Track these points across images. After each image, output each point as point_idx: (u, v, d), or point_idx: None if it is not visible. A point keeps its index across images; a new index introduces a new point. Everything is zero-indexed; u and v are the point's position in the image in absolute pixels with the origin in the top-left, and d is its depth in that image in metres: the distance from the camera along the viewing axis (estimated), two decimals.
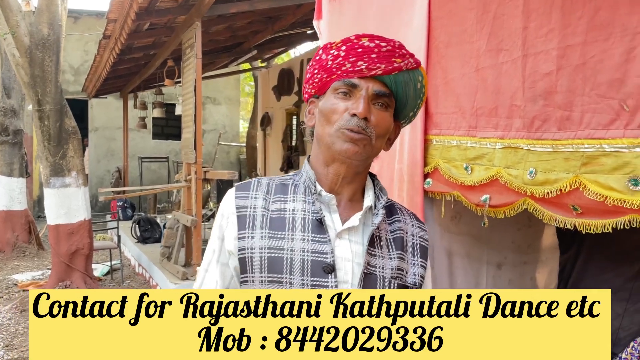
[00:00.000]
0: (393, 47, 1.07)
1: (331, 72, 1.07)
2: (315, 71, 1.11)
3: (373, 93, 1.05)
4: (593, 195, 1.31)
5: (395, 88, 1.07)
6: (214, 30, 6.54)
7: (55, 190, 5.55)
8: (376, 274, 1.04)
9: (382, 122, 1.06)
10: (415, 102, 1.13)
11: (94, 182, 11.73)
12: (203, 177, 5.40)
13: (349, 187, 1.11)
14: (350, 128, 1.02)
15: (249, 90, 16.80)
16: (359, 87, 1.05)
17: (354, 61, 1.05)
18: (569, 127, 1.41)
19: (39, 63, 5.31)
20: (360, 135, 1.02)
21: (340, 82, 1.06)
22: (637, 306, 2.13)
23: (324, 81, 1.10)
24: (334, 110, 1.05)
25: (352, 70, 1.05)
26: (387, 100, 1.07)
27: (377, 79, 1.05)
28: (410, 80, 1.08)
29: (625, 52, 1.27)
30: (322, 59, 1.10)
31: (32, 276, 6.72)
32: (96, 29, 9.92)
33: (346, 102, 1.05)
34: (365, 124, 1.03)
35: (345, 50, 1.06)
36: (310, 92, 1.15)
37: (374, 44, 1.06)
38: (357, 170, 1.09)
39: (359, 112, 1.02)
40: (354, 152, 1.03)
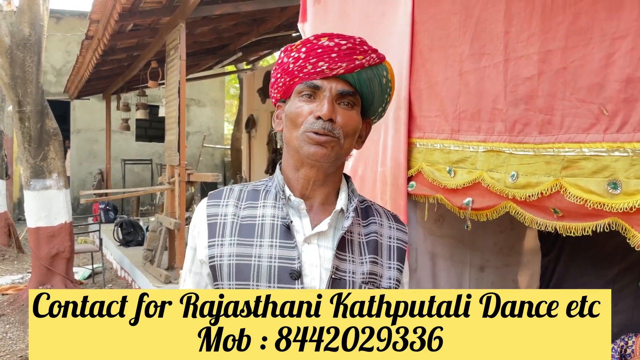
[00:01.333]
0: (354, 44, 1.05)
1: (293, 75, 1.05)
2: (278, 75, 1.10)
3: (337, 93, 1.03)
4: (573, 199, 1.32)
5: (360, 86, 1.05)
6: (199, 32, 6.50)
7: (35, 193, 5.46)
8: (345, 279, 1.03)
9: (349, 121, 1.04)
10: (382, 97, 1.11)
11: (75, 184, 11.57)
12: (187, 179, 5.36)
13: (321, 190, 1.09)
14: (315, 131, 1.00)
15: (234, 92, 16.73)
16: (321, 89, 1.03)
17: (314, 62, 1.03)
18: (550, 130, 1.42)
19: (19, 63, 5.23)
20: (326, 138, 1.00)
21: (303, 85, 1.04)
22: (617, 308, 2.16)
23: (287, 85, 1.08)
24: (298, 113, 1.03)
25: (313, 72, 1.03)
26: (352, 99, 1.05)
27: (340, 78, 1.03)
28: (375, 76, 1.06)
29: (605, 57, 1.28)
30: (284, 62, 1.08)
31: (11, 280, 6.60)
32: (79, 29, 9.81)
33: (310, 105, 1.03)
34: (331, 125, 1.01)
35: (305, 52, 1.04)
36: (276, 96, 1.14)
37: (333, 43, 1.04)
38: (327, 172, 1.07)
39: (323, 114, 1.00)
40: (321, 155, 1.01)
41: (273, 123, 1.16)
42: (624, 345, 1.93)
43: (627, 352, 1.92)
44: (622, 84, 1.24)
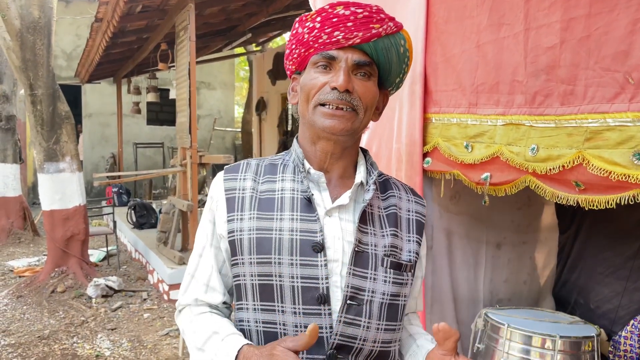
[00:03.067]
0: (370, 12, 1.01)
1: (308, 46, 1.03)
2: (293, 46, 1.07)
3: (353, 63, 1.00)
4: (597, 171, 1.29)
5: (377, 55, 1.02)
6: (208, 13, 6.44)
7: (49, 176, 5.50)
8: (368, 252, 1.02)
9: (366, 92, 1.01)
10: (400, 67, 1.08)
11: (88, 168, 11.64)
12: (198, 161, 5.35)
13: (339, 164, 1.07)
14: (329, 102, 0.98)
15: (243, 75, 16.65)
16: (337, 59, 1.00)
17: (330, 32, 1.00)
18: (572, 101, 1.38)
19: (30, 46, 5.23)
20: (342, 111, 0.98)
21: (319, 56, 1.02)
22: (636, 284, 2.13)
23: (302, 56, 1.05)
24: (313, 85, 1.01)
25: (329, 42, 1.00)
26: (369, 69, 1.02)
27: (357, 47, 1.01)
28: (392, 46, 1.03)
29: (631, 23, 1.24)
30: (299, 33, 1.05)
31: (27, 262, 6.69)
32: (88, 12, 9.77)
33: (326, 76, 1.01)
34: (349, 96, 0.99)
35: (320, 22, 1.01)
36: (291, 68, 1.11)
37: (349, 12, 1.00)
38: (345, 146, 1.05)
39: (339, 84, 0.97)
40: (339, 129, 0.99)
41: (289, 96, 1.13)
42: None
43: None
44: None
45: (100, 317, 4.73)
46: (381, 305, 1.01)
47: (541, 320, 1.97)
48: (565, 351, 1.78)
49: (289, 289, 0.98)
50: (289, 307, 0.98)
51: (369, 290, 1.00)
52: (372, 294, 1.01)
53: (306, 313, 0.98)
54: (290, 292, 0.98)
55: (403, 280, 1.05)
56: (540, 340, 1.81)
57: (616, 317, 2.17)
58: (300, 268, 0.98)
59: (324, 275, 0.98)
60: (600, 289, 2.24)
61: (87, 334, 4.34)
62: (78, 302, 5.06)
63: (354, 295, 0.99)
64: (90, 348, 4.06)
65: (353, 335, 0.99)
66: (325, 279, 0.98)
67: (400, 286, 1.04)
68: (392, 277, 1.03)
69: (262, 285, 1.00)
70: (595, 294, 2.26)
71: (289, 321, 0.98)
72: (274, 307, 0.99)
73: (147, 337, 4.28)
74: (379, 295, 1.01)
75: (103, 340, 4.22)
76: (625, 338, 1.95)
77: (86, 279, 5.52)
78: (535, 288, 2.40)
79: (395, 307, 1.04)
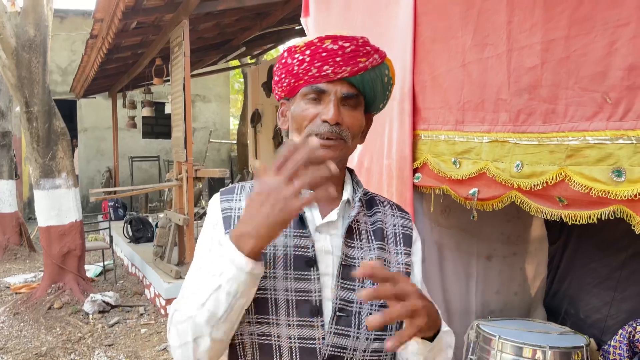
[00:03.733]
0: (357, 45, 1.06)
1: (298, 78, 1.08)
2: (282, 75, 1.12)
3: (341, 96, 1.06)
4: (578, 187, 1.33)
5: (363, 87, 1.08)
6: (202, 28, 6.51)
7: (45, 192, 5.52)
8: (355, 265, 1.06)
9: (354, 122, 1.07)
10: (384, 94, 1.14)
11: (84, 182, 11.66)
12: (194, 175, 5.39)
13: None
14: (321, 134, 1.04)
15: (238, 87, 16.73)
16: (327, 92, 1.05)
17: (319, 66, 1.05)
18: (554, 120, 1.43)
19: (25, 64, 5.27)
20: (332, 142, 1.04)
21: (309, 88, 1.07)
22: (624, 294, 2.17)
23: (292, 86, 1.10)
24: (304, 116, 1.06)
25: (318, 76, 1.05)
26: (356, 101, 1.08)
27: (345, 80, 1.06)
28: (377, 77, 1.09)
29: (607, 45, 1.29)
30: (288, 63, 1.10)
31: (24, 279, 6.68)
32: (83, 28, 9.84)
33: (316, 107, 1.06)
34: (339, 128, 1.04)
35: (310, 55, 1.06)
36: (280, 94, 1.17)
37: (337, 46, 1.05)
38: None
39: (330, 118, 1.03)
40: (330, 158, 1.04)
41: (278, 121, 1.18)
42: (632, 330, 1.94)
43: (636, 337, 1.93)
44: (624, 71, 1.24)
45: (98, 333, 4.74)
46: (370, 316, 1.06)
47: (532, 331, 2.01)
48: None
49: (284, 302, 1.02)
50: (283, 320, 1.02)
51: (357, 302, 1.05)
52: (360, 306, 1.05)
53: (300, 325, 1.02)
54: (285, 305, 1.02)
55: None
56: (530, 351, 1.85)
57: (605, 326, 2.21)
58: (294, 282, 1.03)
59: (317, 289, 1.02)
60: (590, 299, 2.28)
61: (84, 351, 4.34)
62: (75, 319, 5.06)
63: (343, 307, 1.03)
64: None
65: (343, 345, 1.03)
66: (318, 292, 1.02)
67: None
68: None
69: (257, 298, 1.04)
70: (584, 304, 2.30)
71: (284, 333, 1.02)
72: (268, 320, 1.03)
73: (144, 353, 4.28)
74: (367, 306, 1.05)
75: (100, 356, 4.23)
76: (614, 347, 1.99)
77: (83, 294, 5.53)
78: (526, 299, 2.44)
79: None
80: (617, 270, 2.18)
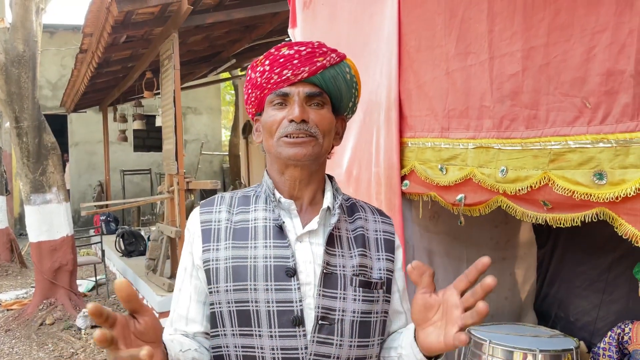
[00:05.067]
0: (312, 48, 1.11)
1: (262, 88, 1.12)
2: (249, 91, 1.16)
3: (305, 95, 1.09)
4: (561, 191, 1.36)
5: (326, 85, 1.11)
6: (192, 41, 6.53)
7: (36, 207, 5.49)
8: (336, 273, 1.07)
9: (322, 119, 1.10)
10: (350, 92, 1.16)
11: (75, 197, 11.59)
12: (186, 187, 5.38)
13: (308, 190, 1.14)
14: (289, 134, 1.07)
15: (229, 99, 16.75)
16: (290, 95, 1.09)
17: (279, 72, 1.09)
18: (536, 125, 1.46)
19: (15, 80, 5.26)
20: (302, 139, 1.07)
21: (273, 95, 1.10)
22: (612, 297, 2.19)
23: (259, 98, 1.14)
24: (272, 122, 1.09)
25: (280, 81, 1.09)
26: (320, 99, 1.10)
27: (306, 81, 1.09)
28: (338, 74, 1.12)
29: (586, 51, 1.32)
30: (252, 78, 1.14)
31: (15, 295, 6.62)
32: (73, 43, 9.85)
33: (282, 111, 1.09)
34: (306, 125, 1.07)
35: (269, 64, 1.10)
36: (252, 111, 1.21)
37: (293, 51, 1.10)
38: (311, 170, 1.12)
39: (295, 116, 1.06)
40: (302, 155, 1.07)
41: (253, 136, 1.20)
42: (620, 332, 1.96)
43: (624, 339, 1.95)
44: (603, 77, 1.27)
45: (90, 348, 4.70)
46: (352, 323, 1.06)
47: (522, 335, 2.02)
48: None
49: (265, 314, 1.03)
50: (265, 331, 1.03)
51: (339, 310, 1.05)
52: (342, 313, 1.05)
53: (282, 335, 1.02)
54: (267, 317, 1.03)
55: (374, 298, 1.10)
56: (521, 355, 1.86)
57: (595, 329, 2.22)
58: (275, 293, 1.03)
59: (297, 298, 1.03)
60: (579, 302, 2.30)
61: None
62: (67, 334, 5.02)
63: (325, 315, 1.04)
64: None
65: (327, 353, 1.03)
66: (299, 302, 1.03)
67: (371, 304, 1.09)
68: (361, 296, 1.08)
69: (239, 311, 1.05)
70: (574, 307, 2.32)
71: (266, 344, 1.03)
72: (251, 332, 1.04)
73: None
74: (349, 313, 1.06)
75: None
76: (604, 350, 2.01)
77: (75, 310, 5.48)
78: (516, 303, 2.46)
79: (367, 324, 1.09)
80: (605, 273, 2.20)
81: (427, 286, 0.92)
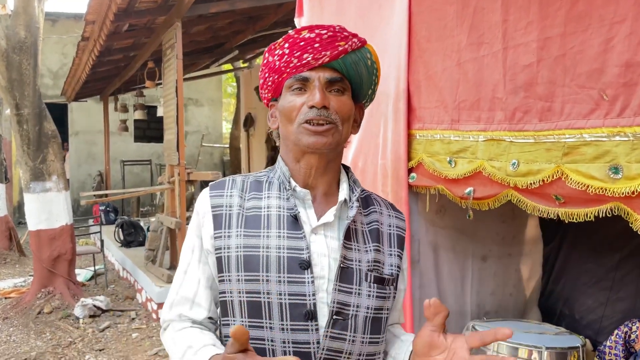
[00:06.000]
0: (334, 32, 1.06)
1: (281, 72, 1.07)
2: (266, 75, 1.11)
3: (326, 81, 1.04)
4: (575, 185, 1.32)
5: (347, 71, 1.07)
6: (195, 31, 6.49)
7: (35, 195, 5.46)
8: (352, 268, 1.04)
9: (342, 106, 1.06)
10: (370, 79, 1.13)
11: (75, 186, 11.55)
12: (186, 178, 5.35)
13: (323, 179, 1.10)
14: (310, 119, 1.02)
15: (231, 91, 16.70)
16: (310, 80, 1.04)
17: (299, 55, 1.04)
18: (550, 117, 1.42)
19: (16, 66, 5.22)
20: (324, 127, 1.03)
21: (292, 79, 1.06)
22: (619, 295, 2.17)
23: (276, 82, 1.09)
24: (292, 107, 1.05)
25: (300, 65, 1.04)
26: (341, 85, 1.06)
27: (327, 66, 1.05)
28: (360, 60, 1.08)
29: (604, 42, 1.28)
30: (270, 61, 1.09)
31: (13, 283, 6.60)
32: (74, 31, 9.78)
33: (302, 97, 1.05)
34: (327, 112, 1.03)
35: (289, 47, 1.06)
36: (267, 96, 1.16)
37: (314, 34, 1.05)
38: (328, 159, 1.09)
39: (316, 102, 1.01)
40: (322, 144, 1.03)
41: (268, 122, 1.16)
42: (627, 330, 1.94)
43: (632, 337, 1.93)
44: (621, 68, 1.24)
45: (88, 337, 4.68)
46: (365, 319, 1.04)
47: (527, 331, 2.00)
48: None
49: (277, 306, 1.00)
50: (277, 324, 1.00)
51: (354, 305, 1.02)
52: (357, 309, 1.03)
53: (294, 329, 0.99)
54: (279, 309, 1.00)
55: (386, 294, 1.07)
56: (527, 352, 1.83)
57: (600, 327, 2.20)
58: (287, 285, 1.00)
59: (311, 292, 1.00)
60: (585, 299, 2.28)
61: (74, 355, 4.29)
62: (65, 323, 5.00)
63: (339, 311, 1.01)
64: None
65: (339, 349, 1.01)
66: (312, 296, 1.00)
67: (384, 300, 1.07)
68: (375, 292, 1.05)
69: (250, 302, 1.01)
70: (579, 304, 2.30)
71: (277, 337, 0.99)
72: (262, 324, 1.01)
73: (135, 357, 4.23)
74: (363, 309, 1.03)
75: None
76: (610, 348, 1.98)
77: (73, 299, 5.46)
78: (521, 299, 2.43)
79: (378, 320, 1.06)
80: (612, 271, 2.18)
81: (439, 326, 0.93)
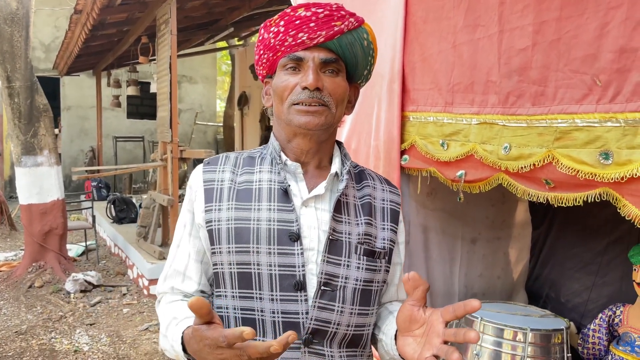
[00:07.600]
0: (330, 10, 1.05)
1: (276, 50, 1.06)
2: (261, 52, 1.10)
3: (320, 62, 1.04)
4: (565, 169, 1.33)
5: (342, 51, 1.06)
6: (190, 6, 6.40)
7: (27, 169, 5.43)
8: (342, 240, 1.06)
9: (336, 88, 1.05)
10: (366, 60, 1.12)
11: (67, 162, 11.48)
12: (179, 156, 5.33)
13: (315, 157, 1.11)
14: (302, 101, 1.02)
15: (225, 69, 16.56)
16: (304, 59, 1.04)
17: (294, 34, 1.03)
18: (543, 102, 1.43)
19: (7, 38, 5.14)
20: (315, 107, 1.02)
21: (286, 58, 1.05)
22: (605, 279, 2.20)
23: (271, 60, 1.09)
24: (285, 87, 1.05)
25: (294, 44, 1.03)
26: (336, 66, 1.06)
27: (322, 46, 1.04)
28: (356, 40, 1.07)
29: (599, 27, 1.28)
30: (265, 38, 1.08)
31: (4, 257, 6.60)
32: (67, 3, 9.61)
33: (296, 77, 1.04)
34: (320, 93, 1.02)
35: (284, 25, 1.05)
36: (262, 73, 1.15)
37: (310, 12, 1.04)
38: (320, 140, 1.09)
39: (309, 84, 1.01)
40: (314, 125, 1.03)
41: (263, 99, 1.17)
42: (611, 314, 1.97)
43: (615, 321, 1.96)
44: (615, 54, 1.24)
45: (79, 312, 4.70)
46: (354, 291, 1.05)
47: (513, 313, 2.03)
48: (535, 343, 1.84)
49: (267, 277, 1.01)
50: (266, 294, 1.01)
51: (342, 277, 1.04)
52: (345, 280, 1.04)
53: (283, 299, 1.01)
54: (268, 280, 1.01)
55: (376, 267, 1.09)
56: (512, 333, 1.87)
57: (585, 310, 2.24)
58: (277, 257, 1.02)
59: (300, 264, 1.02)
60: (571, 283, 2.31)
61: (65, 329, 4.31)
62: (56, 297, 5.02)
63: (327, 282, 1.03)
64: (68, 343, 4.04)
65: (327, 319, 1.03)
66: (302, 267, 1.01)
67: (374, 272, 1.08)
68: (365, 264, 1.07)
69: (240, 273, 1.03)
70: (565, 288, 2.33)
71: (267, 307, 1.01)
72: (252, 295, 1.02)
73: (126, 332, 4.27)
74: (352, 281, 1.05)
75: (81, 335, 4.20)
76: (593, 331, 2.02)
77: (64, 273, 5.48)
78: (508, 282, 2.46)
79: (368, 292, 1.08)
80: (599, 256, 2.21)
81: (418, 300, 0.91)
